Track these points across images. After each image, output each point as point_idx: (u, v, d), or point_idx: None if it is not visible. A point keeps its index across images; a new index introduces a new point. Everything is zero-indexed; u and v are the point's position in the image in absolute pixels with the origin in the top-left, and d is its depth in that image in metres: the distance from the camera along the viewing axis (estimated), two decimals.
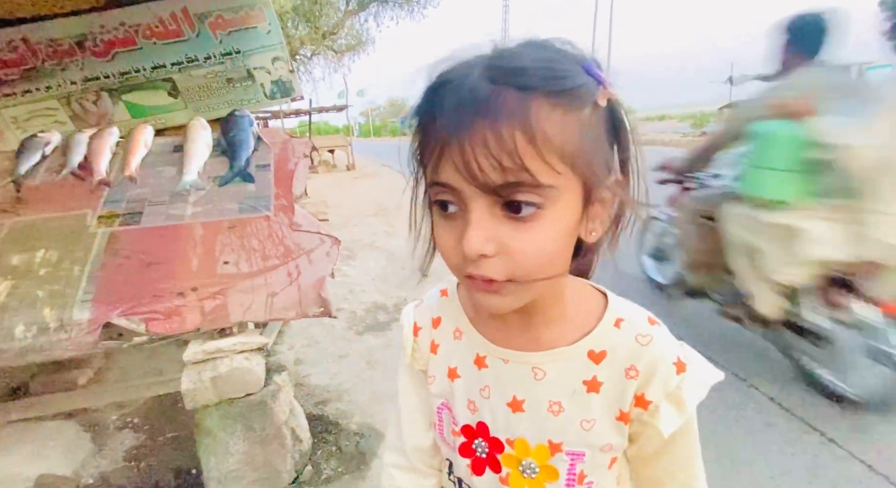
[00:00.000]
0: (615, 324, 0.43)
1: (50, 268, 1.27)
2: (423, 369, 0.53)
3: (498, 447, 0.46)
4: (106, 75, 2.09)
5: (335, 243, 1.47)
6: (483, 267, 0.35)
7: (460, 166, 0.33)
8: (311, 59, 13.29)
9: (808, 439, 1.46)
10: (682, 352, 0.42)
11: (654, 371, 0.41)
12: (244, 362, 1.26)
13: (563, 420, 0.43)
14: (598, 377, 0.43)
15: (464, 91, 0.34)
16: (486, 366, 0.47)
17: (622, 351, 0.42)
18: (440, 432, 0.52)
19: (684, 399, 0.41)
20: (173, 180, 1.56)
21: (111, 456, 1.59)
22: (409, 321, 0.54)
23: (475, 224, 0.34)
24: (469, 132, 0.33)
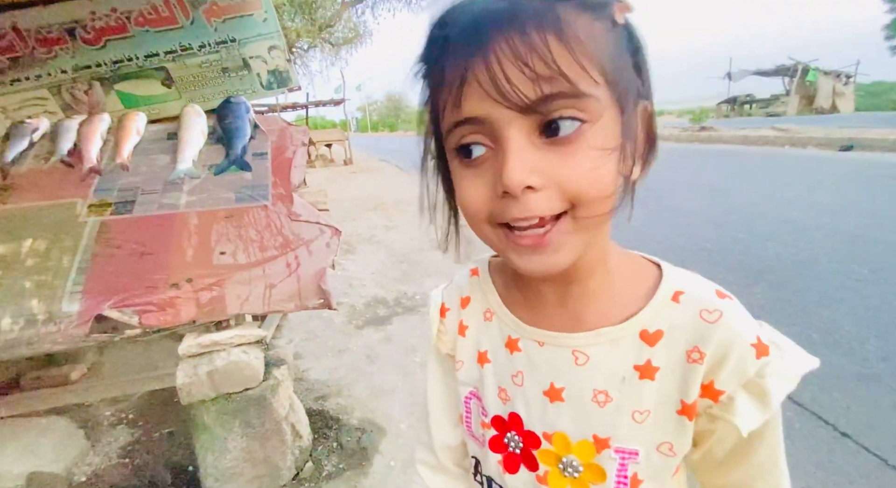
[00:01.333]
0: (673, 298, 0.36)
1: (38, 258, 1.22)
2: (451, 353, 0.48)
3: (534, 441, 0.40)
4: (98, 64, 2.03)
5: (335, 233, 1.42)
6: (532, 204, 0.30)
7: (488, 86, 0.29)
8: (307, 52, 13.15)
9: (821, 433, 1.43)
10: (763, 331, 0.35)
11: (726, 354, 0.33)
12: (242, 356, 1.22)
13: (610, 411, 0.37)
14: (653, 361, 0.36)
15: (477, 8, 0.30)
16: (519, 350, 0.41)
17: (682, 329, 0.35)
18: (468, 425, 0.47)
19: (768, 389, 0.33)
20: (167, 168, 1.51)
21: (105, 453, 1.55)
22: (437, 301, 0.49)
23: (515, 152, 0.30)
24: (493, 45, 0.28)
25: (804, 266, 2.68)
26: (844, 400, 1.55)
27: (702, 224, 3.70)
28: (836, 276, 2.49)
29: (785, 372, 0.33)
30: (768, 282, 2.50)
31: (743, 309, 0.36)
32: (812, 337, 1.94)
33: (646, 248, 0.39)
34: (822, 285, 2.41)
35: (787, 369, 0.33)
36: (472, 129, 0.31)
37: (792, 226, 3.43)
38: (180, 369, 1.18)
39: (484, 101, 0.29)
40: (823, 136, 7.99)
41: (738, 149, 8.55)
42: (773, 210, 3.92)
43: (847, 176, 5.27)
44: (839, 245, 2.95)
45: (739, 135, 9.71)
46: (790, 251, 2.93)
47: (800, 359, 0.34)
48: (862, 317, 2.05)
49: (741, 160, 7.17)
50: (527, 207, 0.31)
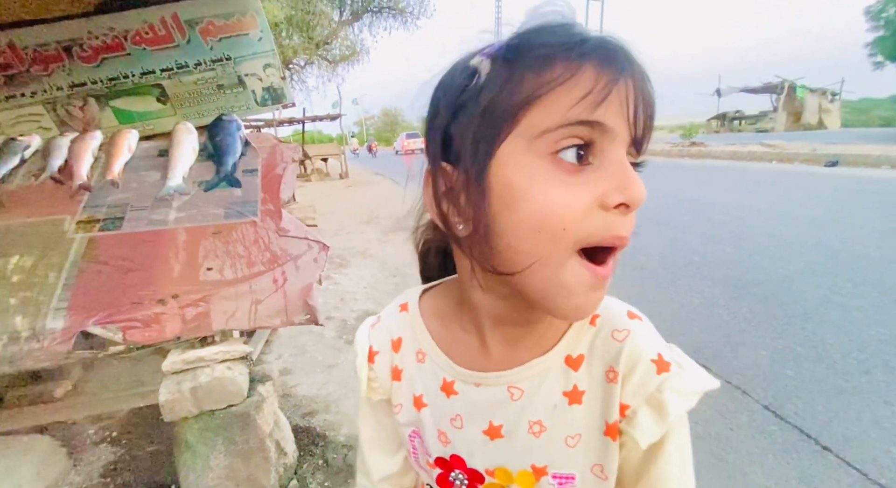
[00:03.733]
0: (591, 322, 0.38)
1: (24, 274, 1.22)
2: (386, 398, 0.47)
3: (478, 478, 0.41)
4: (93, 81, 2.07)
5: (323, 249, 1.44)
6: (630, 224, 0.32)
7: (628, 106, 0.31)
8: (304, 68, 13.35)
9: (803, 447, 1.44)
10: (667, 351, 0.36)
11: (632, 370, 0.35)
12: (226, 372, 1.22)
13: (545, 440, 0.38)
14: (579, 385, 0.37)
15: (609, 36, 0.32)
16: (456, 393, 0.41)
17: (599, 351, 0.37)
18: (416, 460, 0.47)
19: (666, 403, 0.34)
20: (157, 185, 1.53)
21: (87, 472, 1.53)
22: (364, 345, 0.47)
23: (633, 170, 0.31)
24: (634, 74, 0.31)
25: (790, 280, 2.72)
26: (826, 414, 1.57)
27: (690, 238, 3.75)
28: (821, 290, 2.53)
29: (683, 388, 0.34)
30: (755, 296, 2.54)
31: (650, 329, 0.38)
32: (796, 350, 1.97)
33: (633, 262, 0.40)
34: (806, 299, 2.45)
35: (685, 386, 0.35)
36: (588, 134, 0.30)
37: (778, 240, 3.49)
38: (164, 386, 1.18)
39: (619, 115, 0.31)
40: (810, 152, 8.18)
41: (727, 165, 8.71)
42: (760, 224, 3.98)
43: (832, 191, 5.38)
44: (824, 259, 3.00)
45: (729, 150, 9.91)
46: (776, 265, 2.98)
47: (699, 378, 0.36)
48: (845, 331, 2.09)
49: (730, 175, 7.30)
50: (626, 227, 0.31)
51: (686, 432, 0.37)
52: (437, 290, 0.47)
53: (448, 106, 0.34)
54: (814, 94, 19.47)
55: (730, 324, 2.26)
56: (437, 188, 0.36)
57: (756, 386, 1.75)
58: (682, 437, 0.36)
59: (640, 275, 2.95)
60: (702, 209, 4.82)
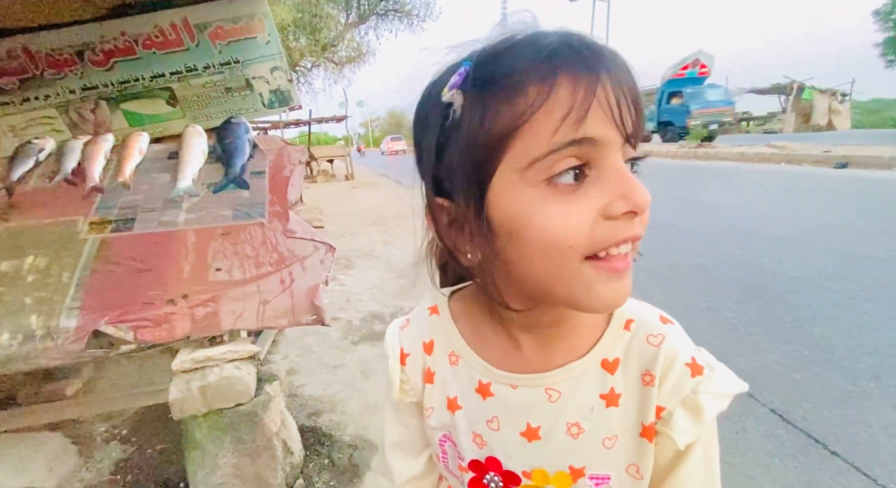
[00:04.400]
0: (625, 327, 0.39)
1: (38, 274, 1.25)
2: (417, 401, 0.47)
3: (514, 480, 0.42)
4: (105, 84, 2.11)
5: (330, 250, 1.45)
6: (640, 224, 0.32)
7: (612, 109, 0.29)
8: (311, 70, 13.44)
9: (810, 451, 1.43)
10: (699, 354, 0.38)
11: (667, 373, 0.36)
12: (234, 371, 1.23)
13: (583, 442, 0.39)
14: (616, 388, 0.38)
15: (572, 35, 0.31)
16: (492, 395, 0.41)
17: (635, 355, 0.38)
18: (445, 464, 0.47)
19: (702, 405, 0.35)
20: (167, 187, 1.55)
21: (97, 470, 1.55)
22: (395, 347, 0.47)
23: (632, 175, 0.31)
24: (616, 75, 0.30)
25: (798, 283, 2.70)
26: (835, 419, 1.55)
27: (697, 240, 3.73)
28: (829, 294, 2.51)
29: (716, 390, 0.36)
30: (762, 299, 2.52)
31: (682, 332, 0.39)
32: (804, 354, 1.95)
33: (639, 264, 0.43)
34: (815, 302, 2.42)
35: (718, 388, 0.36)
36: (583, 151, 0.30)
37: (787, 242, 3.46)
38: (173, 384, 1.20)
39: (606, 122, 0.30)
40: (819, 154, 8.08)
41: (734, 166, 8.63)
42: (768, 227, 3.95)
43: (841, 193, 5.32)
44: (832, 262, 2.97)
45: (736, 151, 9.82)
46: (784, 268, 2.95)
47: (730, 380, 0.37)
48: (854, 335, 2.06)
49: (738, 177, 7.24)
50: (635, 227, 0.32)
51: (714, 434, 0.38)
52: (465, 293, 0.47)
53: (429, 148, 0.34)
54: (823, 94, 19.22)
55: (737, 326, 2.25)
56: (439, 223, 0.37)
57: (763, 389, 1.74)
58: (709, 439, 0.37)
59: (646, 277, 2.94)
60: (708, 211, 4.79)
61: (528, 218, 0.31)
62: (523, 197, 0.31)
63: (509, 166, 0.31)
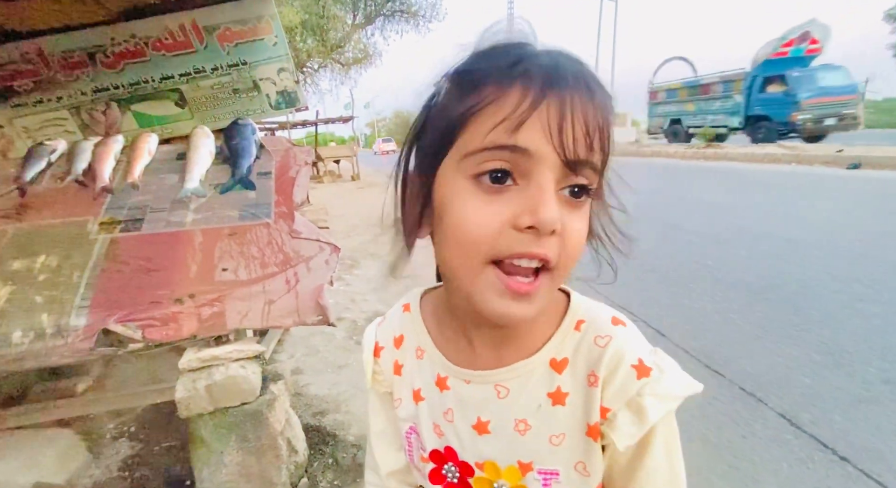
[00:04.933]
0: (576, 327, 0.40)
1: (49, 273, 1.27)
2: (389, 392, 0.50)
3: (468, 471, 0.44)
4: (115, 86, 2.14)
5: (335, 251, 1.46)
6: (546, 245, 0.32)
7: (552, 130, 0.30)
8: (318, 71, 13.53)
9: (819, 457, 1.41)
10: (650, 356, 0.37)
11: (612, 375, 0.37)
12: (240, 370, 1.24)
13: (530, 438, 0.40)
14: (563, 387, 0.39)
15: (558, 57, 0.32)
16: (448, 388, 0.44)
17: (582, 356, 0.39)
18: (410, 457, 0.49)
19: (645, 407, 0.35)
20: (175, 187, 1.57)
21: (106, 466, 1.57)
22: (371, 341, 0.51)
23: (549, 193, 0.31)
24: (573, 97, 0.31)
25: (806, 285, 2.66)
26: (844, 424, 1.53)
27: (704, 241, 3.70)
28: (839, 296, 2.47)
29: (663, 392, 0.36)
30: (769, 301, 2.49)
31: (634, 334, 0.39)
32: (813, 357, 1.92)
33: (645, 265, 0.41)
34: (824, 305, 2.39)
35: (665, 390, 0.36)
36: (512, 158, 0.31)
37: (796, 244, 3.41)
38: (180, 383, 1.22)
39: (542, 138, 0.31)
40: (830, 154, 7.97)
41: (744, 167, 8.54)
42: (776, 228, 3.90)
43: (853, 194, 5.24)
44: (843, 264, 2.93)
45: (746, 152, 9.72)
46: (793, 270, 2.91)
47: (680, 382, 0.36)
48: (864, 339, 2.03)
49: (747, 178, 7.16)
50: (542, 245, 0.32)
51: (673, 429, 0.38)
52: (435, 292, 0.50)
53: (414, 126, 0.38)
54: None
55: (744, 329, 2.22)
56: (405, 193, 0.40)
57: (771, 393, 1.72)
58: (668, 435, 0.37)
59: (652, 278, 2.92)
60: (717, 212, 4.74)
61: (451, 205, 0.34)
62: (454, 184, 0.34)
63: (456, 152, 0.34)
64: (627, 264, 0.42)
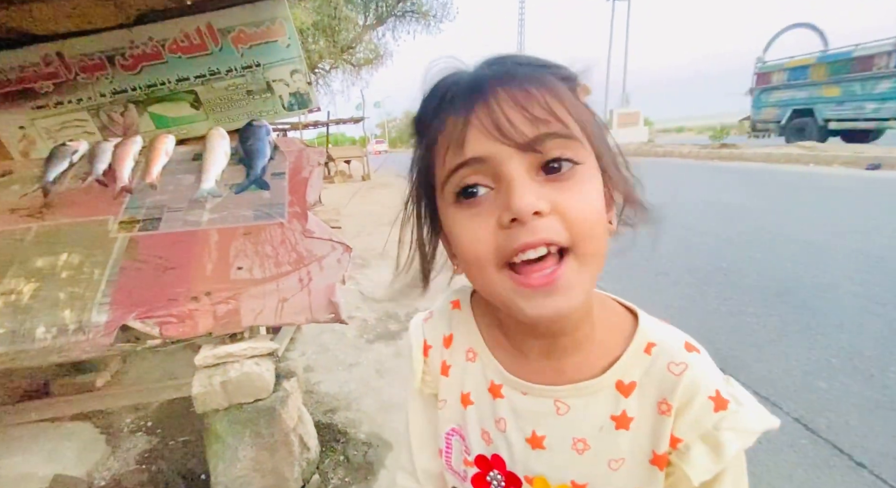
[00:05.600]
0: (646, 350, 0.38)
1: (72, 271, 1.31)
2: (434, 393, 0.48)
3: (515, 482, 0.42)
4: (133, 88, 2.18)
5: (346, 250, 1.48)
6: (540, 228, 0.32)
7: (490, 127, 0.32)
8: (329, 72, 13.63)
9: (835, 462, 1.38)
10: (726, 386, 0.36)
11: (687, 404, 0.35)
12: (254, 367, 1.27)
13: (588, 459, 0.39)
14: (628, 412, 0.37)
15: (475, 71, 0.35)
16: (502, 397, 0.42)
17: (653, 381, 0.37)
18: (447, 460, 0.47)
19: (722, 442, 0.34)
20: (192, 187, 1.60)
21: (124, 459, 1.61)
22: (419, 339, 0.48)
23: (520, 182, 0.32)
24: (494, 93, 0.32)
25: (824, 288, 2.61)
26: (861, 429, 1.50)
27: (718, 243, 3.64)
28: (858, 300, 2.42)
29: (741, 427, 0.34)
30: (786, 305, 2.44)
31: (708, 362, 0.37)
32: (831, 362, 1.89)
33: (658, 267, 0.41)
34: (842, 309, 2.34)
35: (743, 424, 0.35)
36: (474, 170, 0.33)
37: (814, 246, 3.34)
38: (196, 379, 1.24)
39: (486, 140, 0.32)
40: (849, 155, 7.79)
41: (760, 167, 8.39)
42: (793, 230, 3.83)
43: (873, 195, 5.11)
44: (862, 267, 2.86)
45: (762, 152, 9.53)
46: (810, 273, 2.86)
47: (758, 417, 0.35)
48: (884, 343, 1.99)
49: (763, 178, 7.04)
50: (534, 232, 0.32)
51: (743, 468, 0.37)
52: None
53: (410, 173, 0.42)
54: None
55: (759, 332, 2.19)
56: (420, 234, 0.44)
57: (786, 397, 1.69)
58: (738, 474, 0.36)
59: (665, 280, 2.89)
60: (731, 213, 4.67)
61: (451, 232, 0.37)
62: (447, 213, 0.37)
63: (438, 188, 0.37)
64: (639, 266, 0.41)
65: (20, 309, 1.22)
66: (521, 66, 0.34)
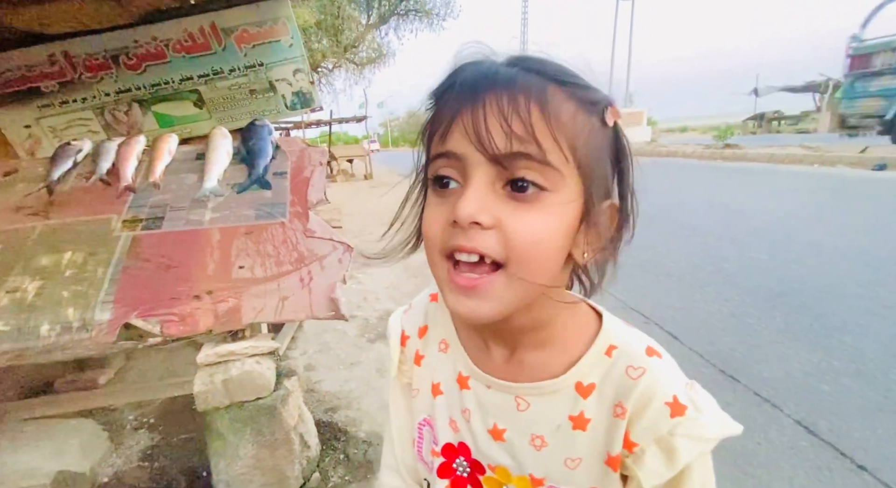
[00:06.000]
0: (606, 352, 0.38)
1: (76, 269, 1.32)
2: (409, 382, 0.50)
3: (479, 469, 0.44)
4: (137, 87, 2.20)
5: (347, 250, 1.48)
6: (476, 238, 0.33)
7: (469, 130, 0.33)
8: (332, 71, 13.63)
9: (836, 465, 1.38)
10: (685, 391, 0.36)
11: (642, 409, 0.35)
12: (255, 366, 1.28)
13: (545, 455, 0.40)
14: (586, 413, 0.38)
15: (484, 67, 0.35)
16: (468, 388, 0.44)
17: (611, 384, 0.37)
18: (419, 450, 0.49)
19: (676, 447, 0.34)
20: (194, 187, 1.61)
21: (126, 456, 1.63)
22: (397, 329, 0.50)
23: (473, 189, 0.33)
24: (484, 97, 0.32)
25: (828, 290, 2.59)
26: (863, 432, 1.49)
27: (721, 244, 3.63)
28: (862, 301, 2.40)
29: (696, 433, 0.34)
30: (789, 306, 2.43)
31: (670, 367, 0.37)
32: (833, 364, 1.88)
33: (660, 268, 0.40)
34: (845, 310, 2.33)
35: (699, 431, 0.34)
36: (449, 163, 0.35)
37: (817, 247, 3.32)
38: (198, 377, 1.25)
39: (464, 140, 0.33)
40: (855, 155, 7.73)
41: (764, 168, 8.34)
42: (797, 231, 3.81)
43: (879, 196, 5.07)
44: (866, 268, 2.85)
45: (766, 152, 9.48)
46: (813, 274, 2.84)
47: (717, 423, 0.35)
48: (887, 345, 1.97)
49: (767, 179, 7.00)
50: (470, 239, 0.33)
51: (708, 471, 0.36)
52: None
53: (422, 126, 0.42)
54: None
55: (761, 334, 2.18)
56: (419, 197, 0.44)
57: (788, 399, 1.69)
58: (704, 476, 0.36)
59: (666, 281, 2.88)
60: (734, 214, 4.64)
61: (424, 209, 0.39)
62: (428, 191, 0.39)
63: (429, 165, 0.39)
64: (641, 267, 0.41)
65: (25, 306, 1.23)
66: (532, 75, 0.33)
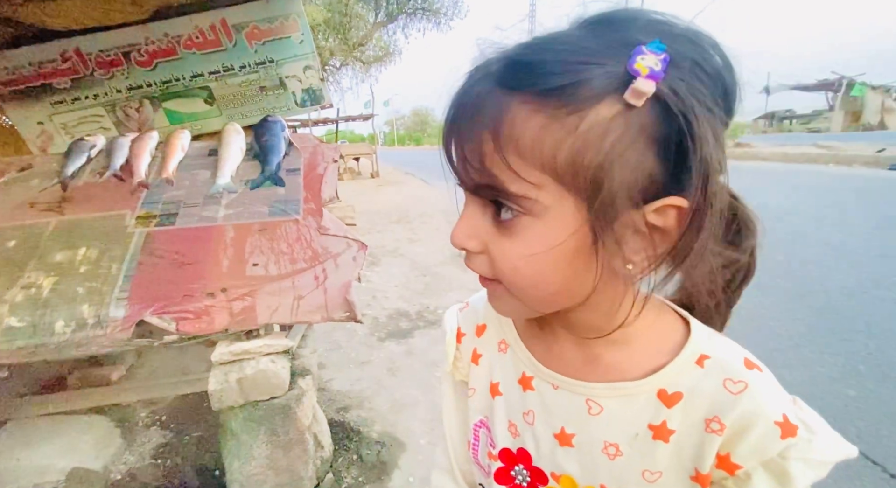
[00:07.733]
0: (697, 362, 0.35)
1: (90, 265, 1.31)
2: (465, 380, 0.48)
3: (541, 478, 0.40)
4: (148, 84, 2.19)
5: (362, 248, 1.46)
6: (472, 261, 0.36)
7: (448, 162, 0.34)
8: (339, 69, 13.65)
9: (867, 474, 1.33)
10: (793, 409, 0.33)
11: (747, 428, 0.32)
12: (270, 364, 1.26)
13: (620, 465, 0.37)
14: (669, 423, 0.35)
15: (464, 88, 0.33)
16: (532, 389, 0.41)
17: (703, 396, 0.34)
18: (475, 453, 0.46)
19: (790, 474, 0.31)
20: (207, 183, 1.60)
21: (139, 453, 1.62)
22: (453, 325, 0.49)
23: (463, 218, 0.35)
24: (456, 128, 0.33)
25: (850, 291, 2.53)
26: (893, 439, 1.44)
27: None
28: (885, 304, 2.34)
29: (812, 457, 0.31)
30: (810, 308, 2.38)
31: (772, 382, 0.34)
32: (858, 368, 1.82)
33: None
34: (869, 312, 2.27)
35: (814, 454, 0.31)
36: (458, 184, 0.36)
37: (837, 248, 3.25)
38: (212, 376, 1.23)
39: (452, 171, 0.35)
40: (871, 154, 7.59)
41: (776, 167, 8.22)
42: (815, 231, 3.73)
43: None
44: (889, 270, 2.78)
45: (779, 151, 9.35)
46: (835, 275, 2.78)
47: (833, 445, 0.32)
48: None
49: (780, 178, 6.89)
50: (470, 261, 0.36)
51: None
52: None
53: None
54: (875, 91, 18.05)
55: (782, 337, 2.13)
56: None
57: (813, 405, 1.60)
58: None
59: None
60: None
61: None
62: None
63: None
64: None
65: (40, 302, 1.22)
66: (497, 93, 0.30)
